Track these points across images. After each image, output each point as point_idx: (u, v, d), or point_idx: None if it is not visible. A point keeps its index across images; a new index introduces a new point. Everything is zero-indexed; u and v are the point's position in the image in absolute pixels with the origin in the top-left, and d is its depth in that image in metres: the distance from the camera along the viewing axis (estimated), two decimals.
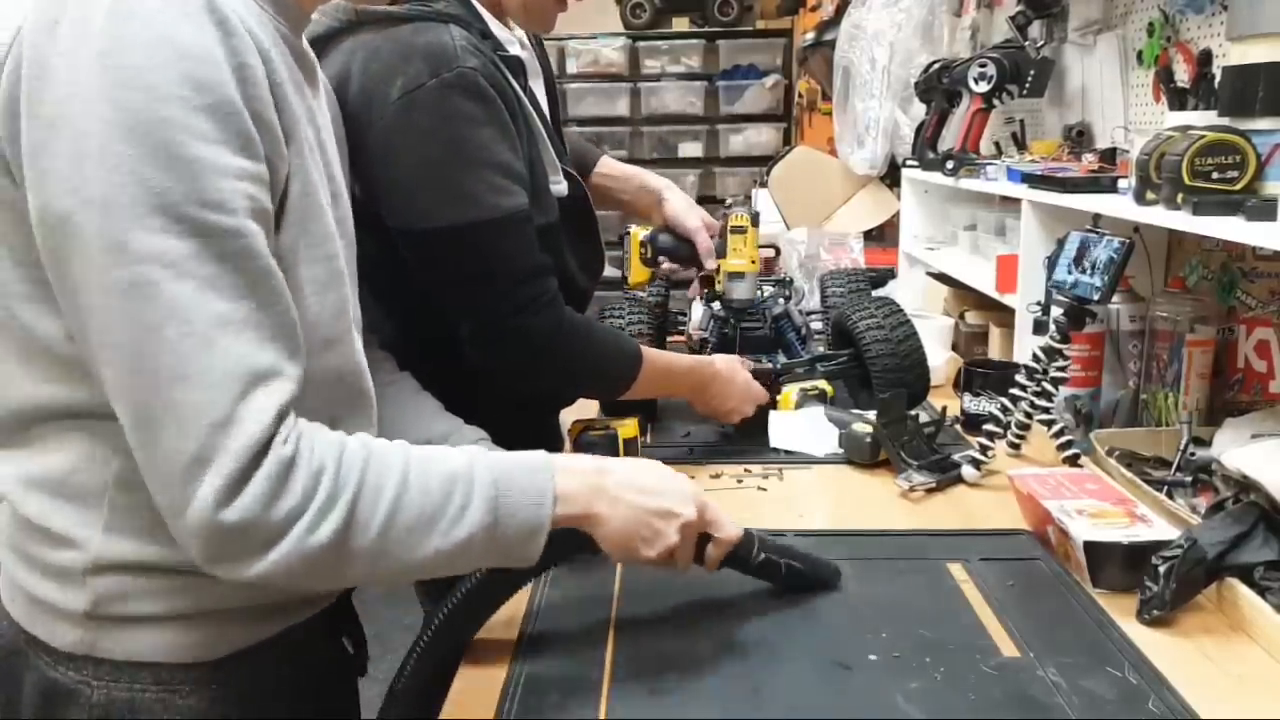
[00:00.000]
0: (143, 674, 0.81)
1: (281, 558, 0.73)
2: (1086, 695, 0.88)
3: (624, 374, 1.34)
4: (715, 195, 5.61)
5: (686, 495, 0.92)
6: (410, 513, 0.78)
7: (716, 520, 0.96)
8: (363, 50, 1.18)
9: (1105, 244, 1.29)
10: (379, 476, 0.77)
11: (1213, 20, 1.54)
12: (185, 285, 0.68)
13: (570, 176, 1.35)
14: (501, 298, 1.20)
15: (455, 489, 0.80)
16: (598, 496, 0.87)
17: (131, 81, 0.67)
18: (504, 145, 1.20)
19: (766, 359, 1.68)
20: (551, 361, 1.25)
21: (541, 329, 1.23)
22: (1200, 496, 1.24)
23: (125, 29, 0.67)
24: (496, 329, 1.21)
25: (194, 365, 0.69)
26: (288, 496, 0.72)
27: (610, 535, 0.88)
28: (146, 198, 0.67)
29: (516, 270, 1.21)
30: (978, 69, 2.04)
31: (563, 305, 1.26)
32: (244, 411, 0.70)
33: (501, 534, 0.82)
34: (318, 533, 0.73)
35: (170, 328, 0.68)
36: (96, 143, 0.67)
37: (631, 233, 1.70)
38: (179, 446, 0.69)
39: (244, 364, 0.71)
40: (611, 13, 5.61)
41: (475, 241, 1.18)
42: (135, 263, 0.67)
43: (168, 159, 0.67)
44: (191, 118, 0.68)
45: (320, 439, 0.76)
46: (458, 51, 1.16)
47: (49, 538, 0.80)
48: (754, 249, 1.65)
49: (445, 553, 0.79)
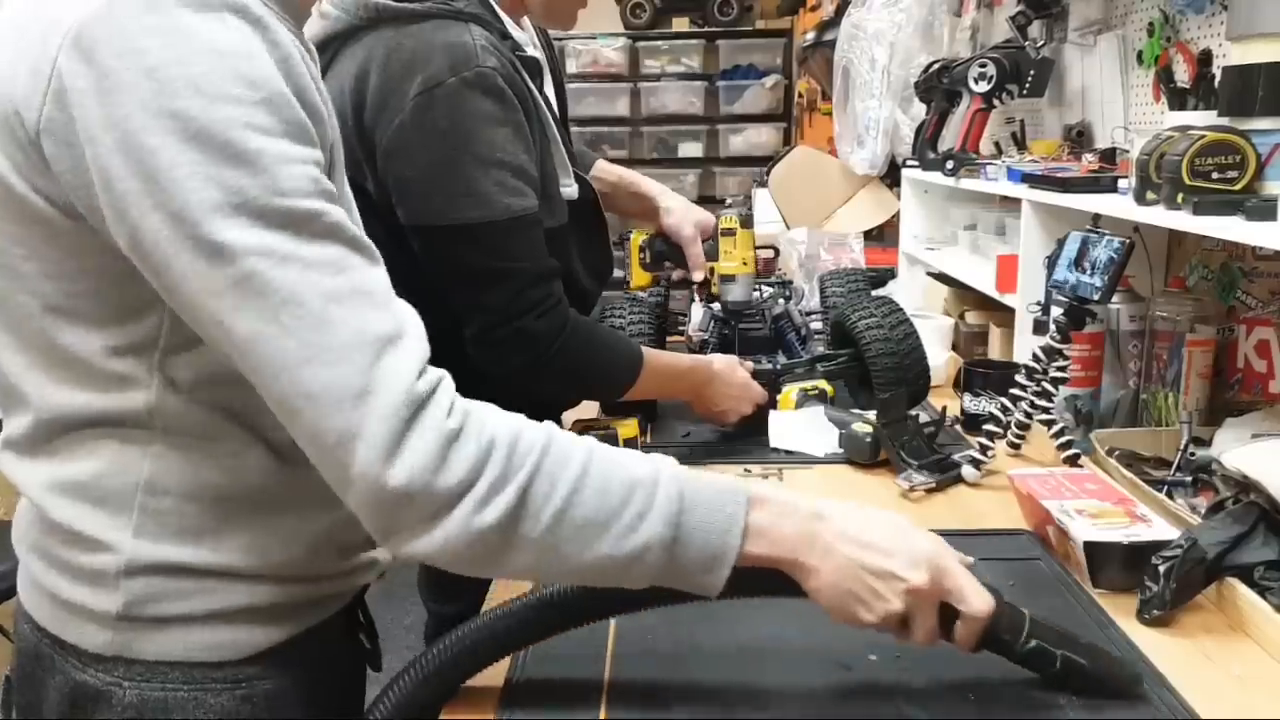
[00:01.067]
0: (174, 674, 0.81)
1: (450, 534, 0.72)
2: (1086, 695, 0.88)
3: (625, 377, 1.34)
4: (715, 195, 5.61)
5: (919, 557, 0.80)
6: (585, 509, 0.75)
7: (958, 590, 0.81)
8: (383, 46, 1.19)
9: (1105, 244, 1.29)
10: (557, 465, 0.75)
11: (1213, 20, 1.54)
12: (288, 271, 0.69)
13: (580, 179, 1.35)
14: (508, 299, 1.21)
15: (635, 494, 0.76)
16: (809, 544, 0.79)
17: (185, 90, 0.68)
18: (519, 146, 1.20)
19: (766, 359, 1.68)
20: (554, 365, 1.25)
21: (546, 332, 1.23)
22: (1200, 496, 1.24)
23: (168, 42, 0.68)
24: (501, 330, 1.21)
25: (315, 345, 0.69)
26: (455, 466, 0.71)
27: (821, 590, 0.80)
28: (226, 198, 0.68)
29: (524, 272, 1.21)
30: (978, 69, 2.04)
31: (568, 309, 1.26)
32: (379, 376, 0.70)
33: (680, 554, 0.76)
34: (487, 510, 0.72)
35: (285, 314, 0.69)
36: (166, 156, 0.67)
37: (632, 237, 1.71)
38: (326, 426, 0.70)
39: (367, 332, 0.71)
40: (611, 13, 5.61)
41: (485, 241, 1.18)
42: (236, 259, 0.68)
43: (237, 157, 0.68)
44: (250, 114, 0.69)
45: (495, 417, 0.75)
46: (478, 51, 1.17)
47: (79, 541, 0.80)
48: (746, 250, 1.65)
49: (617, 560, 0.75)
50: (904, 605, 0.79)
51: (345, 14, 1.22)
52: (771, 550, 0.79)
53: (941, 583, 0.80)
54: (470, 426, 0.73)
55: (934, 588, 0.80)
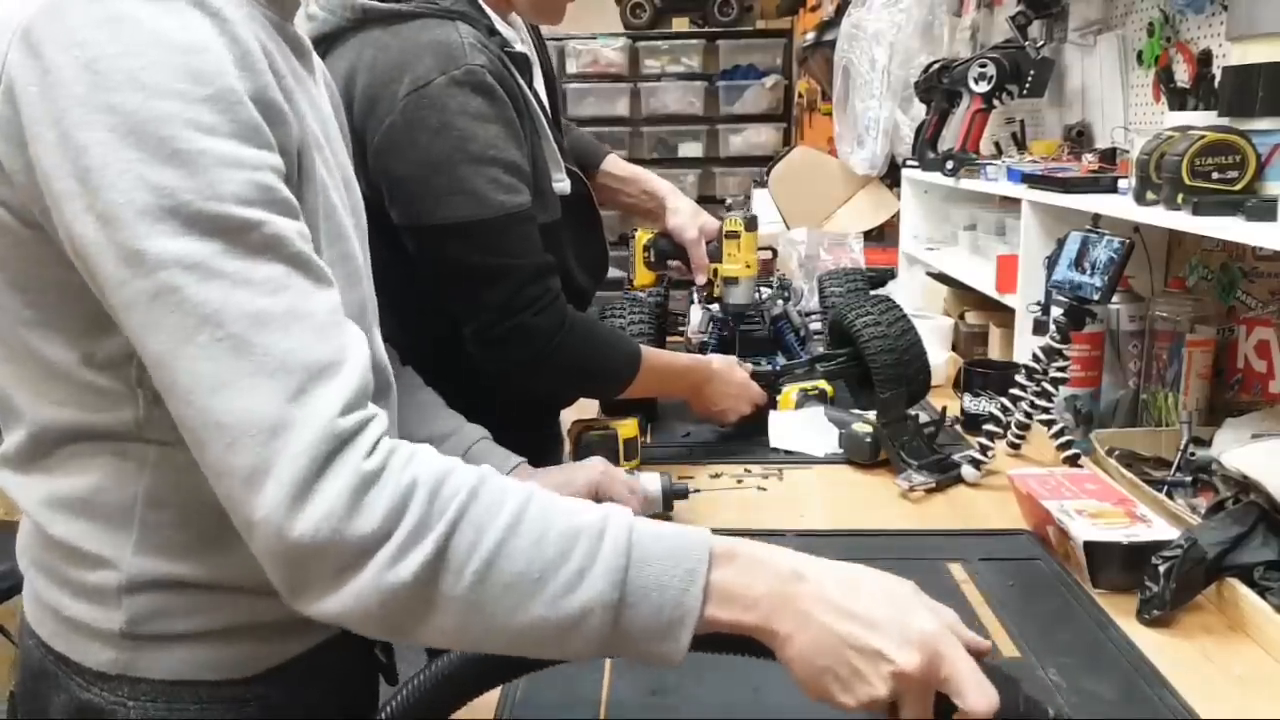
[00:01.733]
0: (181, 692, 0.78)
1: (357, 595, 0.63)
2: (1086, 695, 0.88)
3: (624, 374, 1.34)
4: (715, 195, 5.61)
5: (913, 635, 0.65)
6: (515, 563, 0.64)
7: (955, 680, 0.65)
8: (370, 47, 1.19)
9: (1105, 244, 1.29)
10: (485, 512, 0.65)
11: (1213, 20, 1.54)
12: (213, 287, 0.64)
13: (573, 174, 1.35)
14: (506, 296, 1.21)
15: (576, 547, 0.65)
16: (783, 608, 0.67)
17: (125, 84, 0.63)
18: (510, 143, 1.20)
19: (766, 360, 1.68)
20: (553, 361, 1.25)
21: (544, 328, 1.23)
22: (1200, 496, 1.24)
23: (112, 34, 0.64)
24: (499, 328, 1.21)
25: (232, 371, 0.63)
26: (369, 513, 0.63)
27: (793, 661, 0.67)
28: (156, 200, 0.63)
29: (520, 269, 1.21)
30: (978, 69, 2.04)
31: (565, 305, 1.26)
32: (298, 412, 0.63)
33: (628, 618, 0.65)
34: (402, 564, 0.63)
35: (202, 334, 0.63)
36: (99, 153, 0.63)
37: (637, 236, 1.71)
38: (233, 462, 0.63)
39: (291, 361, 0.64)
40: (611, 13, 5.61)
41: (480, 239, 1.18)
42: (154, 271, 0.63)
43: (173, 156, 0.64)
44: (193, 111, 0.64)
45: (421, 457, 0.67)
46: (465, 49, 1.17)
47: (80, 557, 0.77)
48: (750, 254, 1.65)
49: (552, 624, 0.65)
50: (889, 691, 0.65)
51: (331, 15, 1.23)
52: (739, 615, 0.67)
53: (937, 669, 0.65)
54: (391, 468, 0.65)
55: (927, 674, 0.65)
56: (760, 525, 1.26)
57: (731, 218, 1.65)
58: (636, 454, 1.43)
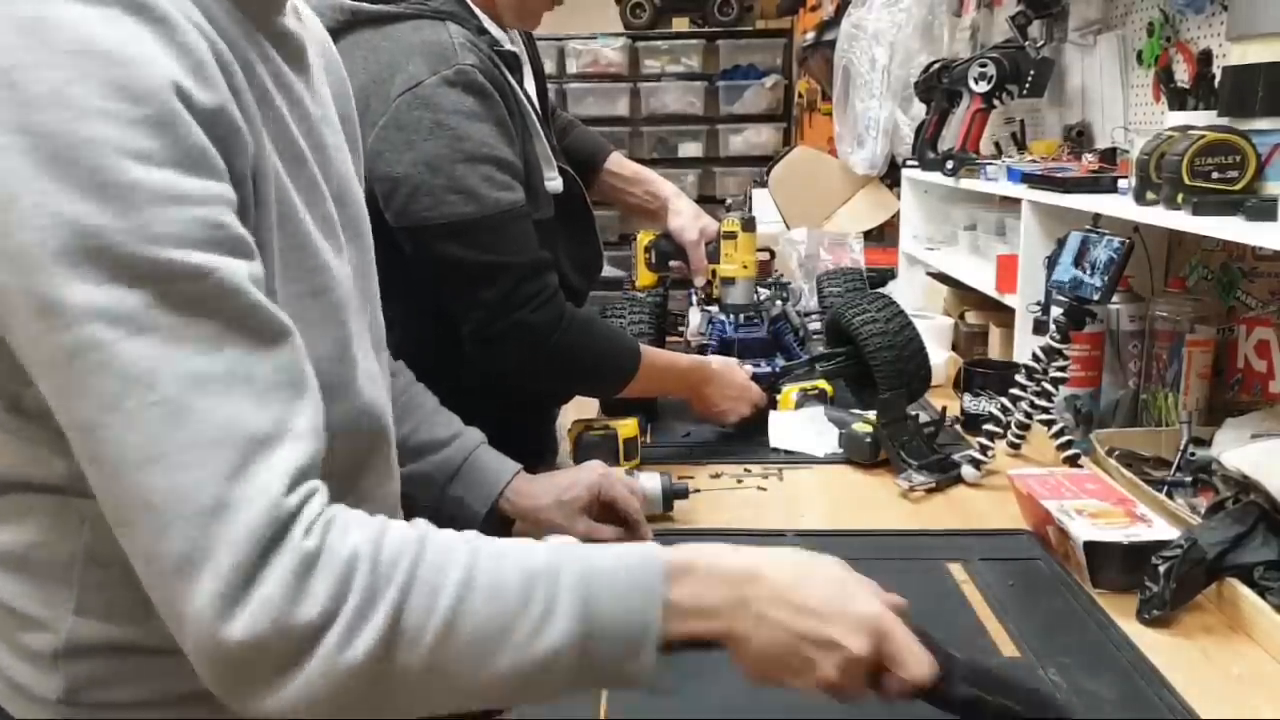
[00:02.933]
0: None
1: (307, 685, 0.57)
2: (1087, 695, 0.88)
3: (625, 371, 1.34)
4: (715, 195, 5.61)
5: (860, 623, 0.69)
6: (476, 619, 0.61)
7: (898, 656, 0.70)
8: (361, 49, 1.19)
9: (1105, 244, 1.29)
10: (435, 572, 0.61)
11: (1213, 20, 1.54)
12: (142, 344, 0.55)
13: (566, 173, 1.35)
14: (503, 293, 1.21)
15: (535, 591, 0.63)
16: (741, 611, 0.68)
17: (48, 101, 0.54)
18: (502, 141, 1.21)
19: (765, 361, 1.69)
20: (552, 357, 1.25)
21: (542, 324, 1.23)
22: (1200, 496, 1.24)
23: (36, 40, 0.55)
24: (497, 325, 1.22)
25: (164, 442, 0.55)
26: (314, 596, 0.57)
27: (747, 658, 0.69)
28: (79, 241, 0.54)
29: (517, 266, 1.21)
30: (978, 69, 2.04)
31: (564, 301, 1.26)
32: (241, 491, 0.56)
33: (595, 650, 0.64)
34: (352, 648, 0.58)
35: (131, 398, 0.55)
36: (14, 182, 0.54)
37: (639, 238, 1.72)
38: (163, 548, 0.56)
39: (233, 430, 0.57)
40: (611, 13, 5.61)
41: (476, 237, 1.18)
42: (75, 324, 0.54)
43: (100, 189, 0.54)
44: (126, 135, 0.55)
45: (356, 522, 0.61)
46: (456, 48, 1.18)
47: (18, 618, 0.70)
48: (748, 254, 1.66)
49: (523, 673, 0.62)
50: (839, 674, 0.68)
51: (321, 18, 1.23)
52: (698, 626, 0.67)
53: (883, 649, 0.70)
54: (329, 543, 0.59)
55: (875, 655, 0.69)
56: (760, 525, 1.26)
57: (729, 219, 1.66)
58: (636, 454, 1.43)
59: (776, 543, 1.21)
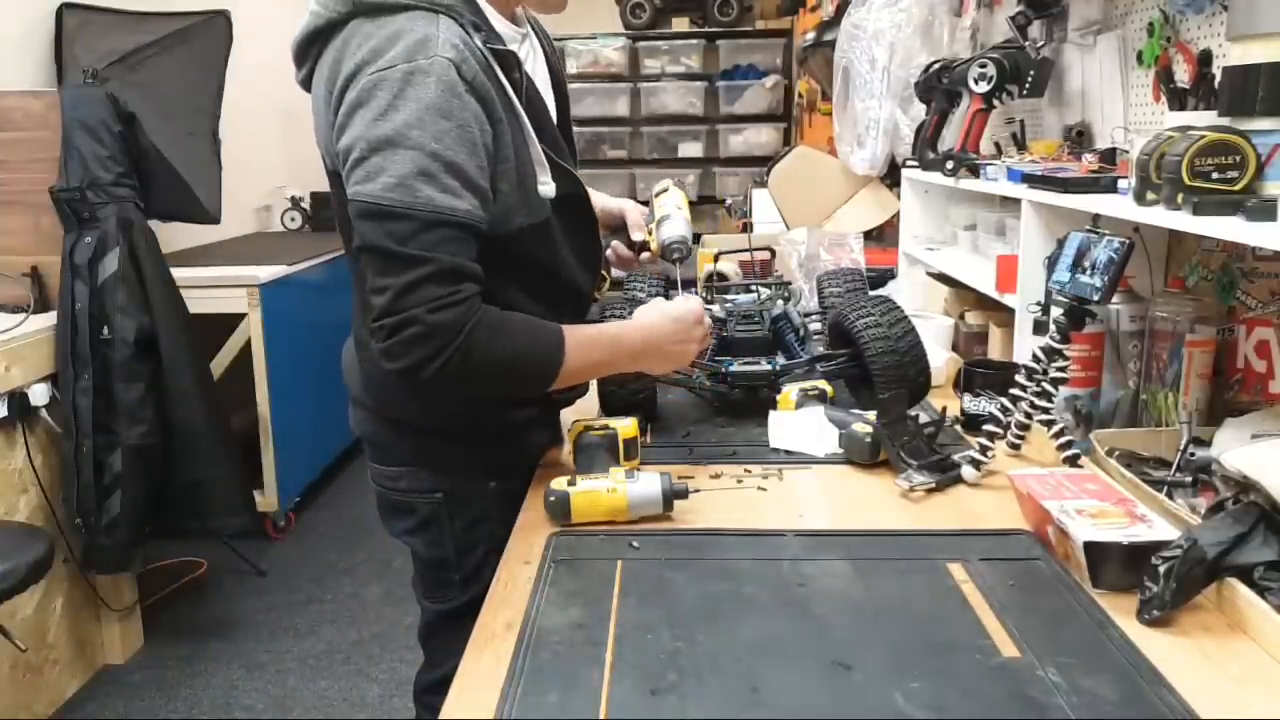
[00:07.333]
0: None
1: None
2: (1086, 695, 0.88)
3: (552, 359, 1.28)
4: (715, 195, 5.61)
5: None
6: None
7: None
8: (356, 37, 1.23)
9: (1105, 244, 1.29)
10: None
11: (1213, 20, 1.54)
12: None
13: (568, 175, 1.35)
14: (404, 285, 1.16)
15: None
16: None
17: None
18: (460, 143, 1.18)
19: (766, 361, 1.69)
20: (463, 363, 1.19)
21: (441, 325, 1.17)
22: (1200, 496, 1.24)
23: None
24: (391, 318, 1.17)
25: None
26: None
27: None
28: None
29: (429, 262, 1.17)
30: (978, 69, 2.04)
31: (478, 309, 1.20)
32: None
33: None
34: None
35: None
36: None
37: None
38: None
39: None
40: (611, 13, 5.61)
41: (394, 226, 1.16)
42: None
43: None
44: None
45: None
46: (439, 43, 1.19)
47: None
48: (679, 200, 1.68)
49: None
50: None
51: (325, 9, 1.27)
52: None
53: None
54: None
55: None
56: (760, 525, 1.27)
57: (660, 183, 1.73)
58: (636, 454, 1.43)
59: (776, 543, 1.22)
